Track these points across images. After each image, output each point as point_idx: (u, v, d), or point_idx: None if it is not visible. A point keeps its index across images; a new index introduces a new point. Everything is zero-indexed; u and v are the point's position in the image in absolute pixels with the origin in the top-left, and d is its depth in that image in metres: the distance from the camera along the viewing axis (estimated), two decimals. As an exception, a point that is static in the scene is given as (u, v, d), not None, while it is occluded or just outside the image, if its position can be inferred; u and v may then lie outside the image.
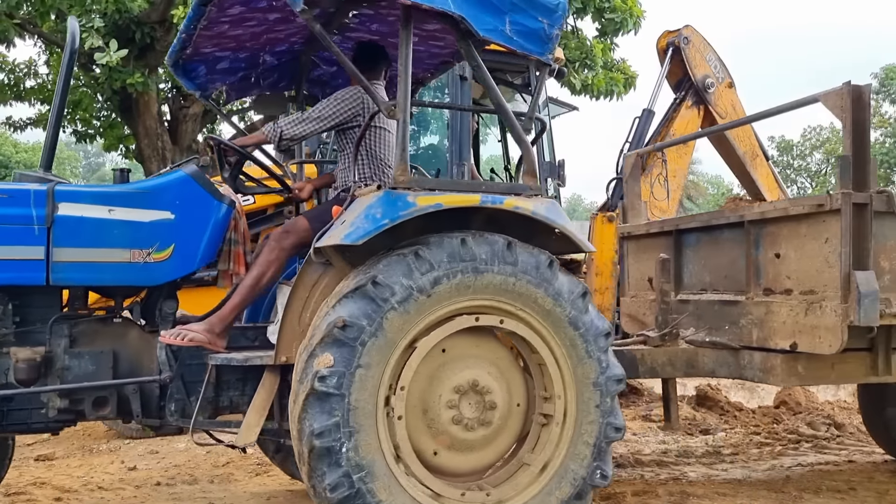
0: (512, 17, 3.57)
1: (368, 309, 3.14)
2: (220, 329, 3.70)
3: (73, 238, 3.56)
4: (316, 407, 3.06)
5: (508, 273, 3.36)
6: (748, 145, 7.37)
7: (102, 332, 3.78)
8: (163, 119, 11.64)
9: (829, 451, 6.46)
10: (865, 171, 3.78)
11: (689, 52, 7.06)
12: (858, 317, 3.69)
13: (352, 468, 3.07)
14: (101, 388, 3.64)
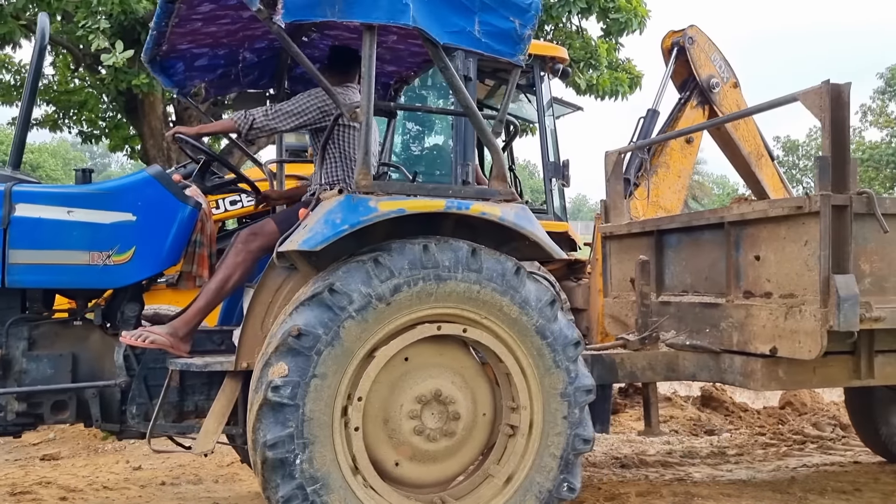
0: (481, 17, 3.47)
1: (325, 317, 3.05)
2: (183, 332, 3.61)
3: (31, 240, 3.47)
4: (269, 417, 2.98)
5: (473, 280, 3.26)
6: (753, 145, 7.35)
7: (62, 335, 3.69)
8: (168, 119, 11.59)
9: (835, 451, 6.41)
10: (845, 172, 3.67)
11: (694, 52, 7.06)
12: (838, 322, 3.59)
13: (306, 480, 2.99)
14: (59, 391, 3.55)
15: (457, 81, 3.61)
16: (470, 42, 3.47)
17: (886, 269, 3.87)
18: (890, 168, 32.58)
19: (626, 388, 7.94)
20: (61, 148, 43.77)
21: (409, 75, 4.99)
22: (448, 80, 3.59)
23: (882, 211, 3.72)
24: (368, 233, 3.27)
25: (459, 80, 3.66)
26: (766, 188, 7.50)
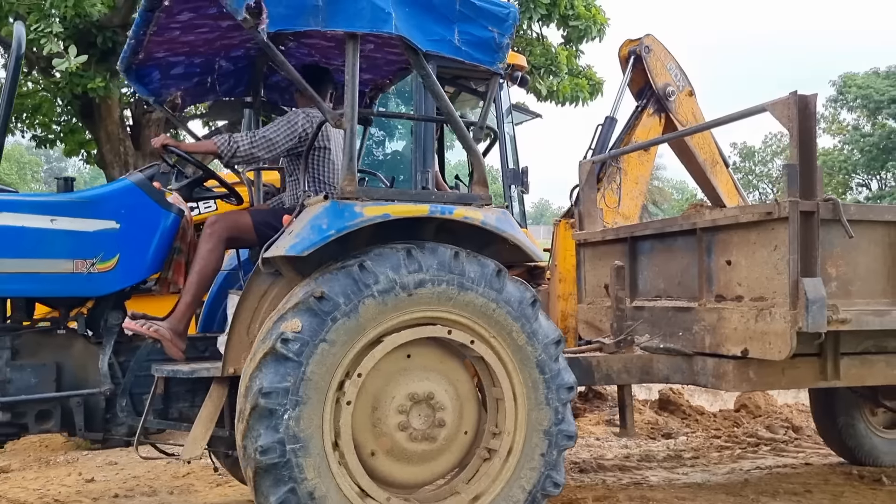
0: (460, 26, 3.56)
1: (349, 289, 3.16)
2: (179, 329, 3.68)
3: (13, 248, 3.48)
4: (271, 367, 3.05)
5: (491, 298, 3.39)
6: (708, 153, 7.47)
7: (45, 344, 3.69)
8: (125, 124, 11.44)
9: (787, 453, 6.57)
10: (812, 180, 3.83)
11: (650, 60, 7.16)
12: (806, 323, 3.74)
13: (288, 437, 3.04)
14: (43, 401, 3.54)
15: (438, 89, 3.70)
16: (450, 50, 3.56)
17: (851, 273, 4.04)
18: (842, 174, 33.51)
19: (585, 392, 8.07)
20: (15, 151, 42.92)
21: (384, 83, 5.06)
22: (430, 87, 3.67)
23: (847, 217, 3.88)
24: (351, 238, 3.32)
25: (440, 87, 3.75)
26: (721, 194, 7.63)
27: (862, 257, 4.05)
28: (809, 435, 7.31)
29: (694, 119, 7.26)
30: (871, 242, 4.06)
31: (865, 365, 4.44)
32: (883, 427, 6.11)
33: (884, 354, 4.46)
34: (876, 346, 4.43)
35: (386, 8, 3.32)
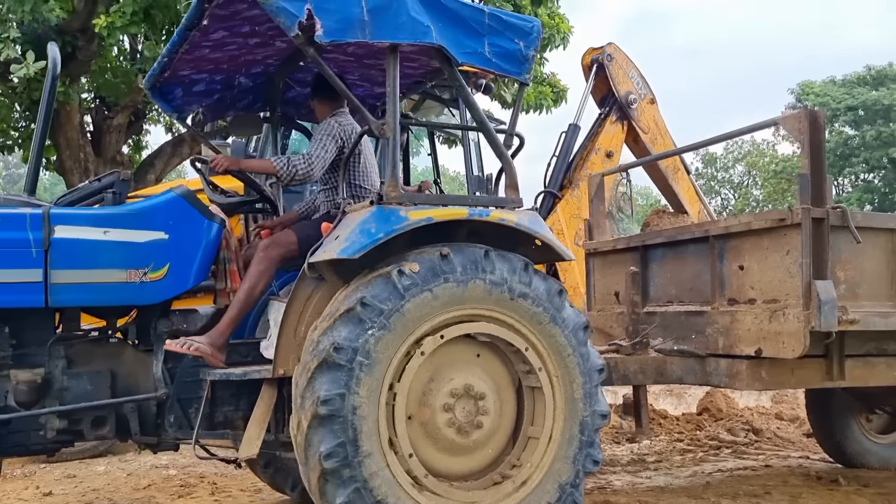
0: (490, 39, 3.80)
1: (387, 293, 3.36)
2: (220, 343, 3.79)
3: (71, 260, 3.61)
4: (326, 375, 3.23)
5: (538, 305, 3.62)
6: (670, 160, 7.62)
7: (98, 353, 3.83)
8: (85, 130, 11.35)
9: (748, 456, 6.75)
10: (822, 189, 4.10)
11: (613, 69, 7.30)
12: (819, 322, 3.98)
13: (348, 440, 3.22)
14: (100, 407, 3.68)
15: (471, 98, 3.93)
16: (482, 62, 3.80)
17: (858, 276, 4.30)
18: None
19: None
20: (-28, 157, 42.53)
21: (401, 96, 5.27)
22: (463, 97, 3.91)
23: (854, 224, 4.15)
24: (388, 243, 3.48)
25: (472, 96, 3.97)
26: (683, 200, 7.81)
27: (867, 262, 4.32)
28: (769, 437, 7.54)
29: (656, 126, 7.42)
30: (875, 248, 4.34)
31: (868, 366, 4.69)
32: (876, 432, 6.40)
33: (884, 357, 4.73)
34: (877, 348, 4.69)
35: (425, 22, 3.55)
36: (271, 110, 5.05)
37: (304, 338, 3.56)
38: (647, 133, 7.37)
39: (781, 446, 7.30)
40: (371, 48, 4.40)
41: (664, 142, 7.49)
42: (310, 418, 3.22)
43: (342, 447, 3.20)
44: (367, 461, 3.25)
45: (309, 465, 3.25)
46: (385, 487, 3.27)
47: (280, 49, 4.51)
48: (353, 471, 3.21)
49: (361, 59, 4.65)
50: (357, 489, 3.20)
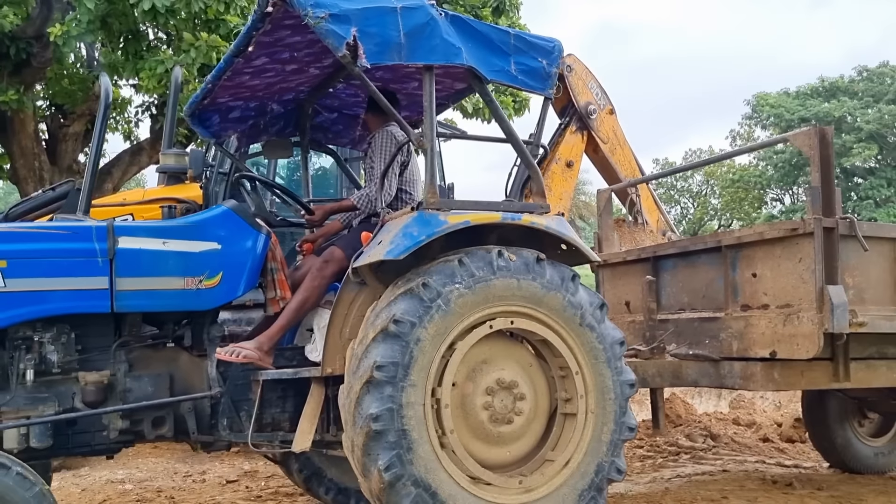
0: (516, 58, 4.08)
1: (446, 278, 3.62)
2: (268, 347, 4.00)
3: (134, 268, 3.83)
4: (383, 344, 3.46)
5: (568, 302, 3.86)
6: (629, 169, 7.57)
7: (156, 357, 4.03)
8: (40, 138, 11.28)
9: (706, 461, 7.00)
10: (832, 200, 4.40)
11: (572, 79, 7.25)
12: (832, 324, 4.27)
13: (396, 406, 3.45)
14: (160, 407, 3.88)
15: (500, 112, 4.21)
16: (509, 79, 4.09)
17: (865, 282, 4.60)
18: (758, 189, 34.98)
19: None
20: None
21: (418, 119, 5.52)
22: (494, 111, 4.18)
23: (861, 233, 4.45)
24: (426, 248, 3.70)
25: (502, 111, 4.24)
26: (642, 209, 7.75)
27: (873, 269, 4.63)
28: (727, 443, 7.81)
29: (615, 136, 7.49)
30: (880, 256, 4.65)
31: (870, 369, 4.99)
32: (869, 436, 6.74)
33: (885, 360, 5.03)
34: (878, 352, 5.00)
35: (456, 44, 3.82)
36: (301, 135, 5.28)
37: (349, 339, 3.79)
38: (607, 143, 7.38)
39: (738, 451, 7.56)
40: (397, 73, 4.66)
41: (623, 152, 7.48)
42: (364, 437, 3.43)
43: (398, 458, 3.41)
44: (423, 465, 3.47)
45: (370, 480, 3.45)
46: (445, 487, 3.49)
47: (312, 76, 4.74)
48: (411, 477, 3.42)
49: (388, 84, 4.87)
50: (419, 494, 3.42)
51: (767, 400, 10.21)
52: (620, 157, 7.51)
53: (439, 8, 3.93)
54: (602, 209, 6.47)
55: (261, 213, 4.55)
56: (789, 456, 7.58)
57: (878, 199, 30.74)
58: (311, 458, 4.93)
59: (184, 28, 8.49)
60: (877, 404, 6.50)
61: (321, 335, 4.07)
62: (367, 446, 3.43)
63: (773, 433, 8.35)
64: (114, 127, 12.84)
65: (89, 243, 3.76)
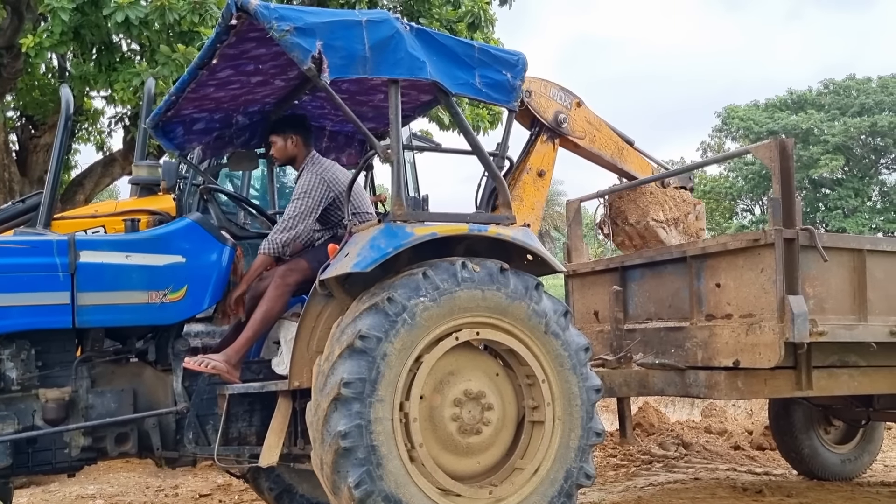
0: (480, 71, 4.10)
1: (411, 292, 3.59)
2: (235, 361, 3.98)
3: (96, 282, 3.80)
4: (349, 360, 3.44)
5: (532, 310, 3.87)
6: (612, 146, 7.30)
7: (120, 372, 3.99)
8: (10, 149, 11.19)
9: (678, 469, 7.07)
10: (792, 211, 4.48)
11: (534, 102, 6.97)
12: (793, 334, 4.34)
13: (364, 422, 3.43)
14: (123, 423, 3.84)
15: (466, 124, 4.24)
16: (474, 92, 4.10)
17: (825, 292, 4.68)
18: (728, 200, 35.50)
19: None
20: None
21: (384, 131, 5.53)
22: (458, 124, 4.20)
23: (821, 244, 4.53)
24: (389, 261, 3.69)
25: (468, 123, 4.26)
26: (636, 174, 7.49)
27: (833, 279, 4.71)
28: (699, 451, 7.89)
29: (590, 125, 7.26)
30: (839, 266, 4.73)
31: (832, 377, 5.06)
32: (835, 443, 6.86)
33: (846, 368, 5.11)
34: (840, 360, 5.07)
35: (421, 57, 3.84)
36: (267, 147, 5.14)
37: (317, 352, 3.78)
38: (584, 137, 7.17)
39: (710, 459, 7.64)
40: (363, 85, 4.67)
41: (601, 134, 7.25)
42: (332, 454, 3.41)
43: (368, 474, 3.40)
44: (393, 480, 3.46)
45: (341, 498, 3.44)
46: (415, 501, 3.48)
47: (277, 88, 4.72)
48: (382, 493, 3.41)
49: (354, 96, 4.89)
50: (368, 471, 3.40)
51: (739, 408, 10.32)
52: (601, 141, 7.31)
53: (405, 21, 3.95)
54: (571, 220, 6.52)
55: (226, 225, 4.53)
56: (760, 463, 7.67)
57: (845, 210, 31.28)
58: (281, 474, 4.90)
59: (157, 40, 8.46)
60: (841, 412, 6.61)
61: (288, 348, 4.06)
62: (336, 464, 3.42)
63: (744, 441, 8.44)
64: (86, 138, 12.75)
65: (50, 258, 3.73)
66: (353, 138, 5.49)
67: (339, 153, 5.33)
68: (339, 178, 4.45)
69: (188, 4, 8.19)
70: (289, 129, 4.59)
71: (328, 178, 4.40)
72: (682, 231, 7.25)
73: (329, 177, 4.41)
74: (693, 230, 7.40)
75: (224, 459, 4.09)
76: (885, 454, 7.91)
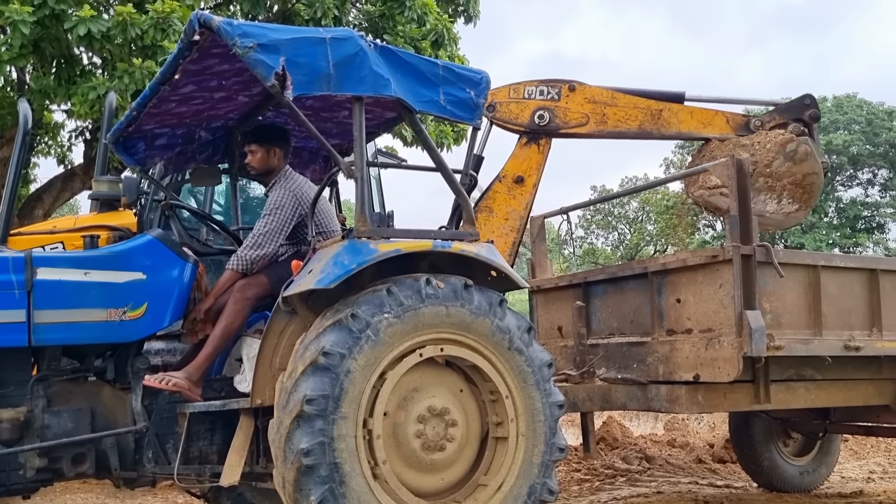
0: (444, 89, 4.14)
1: (375, 308, 3.58)
2: (196, 377, 3.94)
3: (53, 300, 3.73)
4: (312, 377, 3.41)
5: (496, 326, 3.87)
6: (637, 115, 6.32)
7: (77, 391, 3.93)
8: None
9: (641, 483, 7.17)
10: (749, 228, 4.58)
11: (501, 113, 6.39)
12: (751, 348, 4.42)
13: (328, 439, 3.41)
14: (80, 443, 3.76)
15: (430, 141, 4.26)
16: (438, 109, 4.13)
17: (782, 307, 4.78)
18: (691, 215, 36.18)
19: None
20: None
21: (349, 147, 5.54)
22: (422, 141, 4.22)
23: (777, 260, 4.63)
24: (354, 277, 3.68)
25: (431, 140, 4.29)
26: (691, 134, 6.41)
27: (789, 294, 4.81)
28: (661, 464, 8.01)
29: (596, 105, 6.41)
30: (795, 282, 4.83)
31: (789, 391, 5.17)
32: (794, 456, 7.00)
33: (803, 381, 5.23)
34: (797, 374, 5.19)
35: (385, 75, 3.86)
36: (230, 162, 5.22)
37: (280, 369, 3.76)
38: (588, 121, 6.30)
39: (672, 473, 7.75)
40: (327, 102, 4.68)
41: (617, 108, 6.32)
42: (295, 472, 3.38)
43: (331, 492, 3.38)
44: (356, 498, 3.44)
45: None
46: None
47: (241, 104, 4.72)
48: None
49: (318, 112, 4.89)
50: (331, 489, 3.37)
51: (701, 421, 10.46)
52: (618, 115, 6.37)
53: (369, 39, 3.97)
54: (535, 236, 6.57)
55: (188, 241, 4.50)
56: (721, 476, 7.78)
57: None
58: (242, 493, 4.84)
59: (119, 54, 8.38)
60: (799, 425, 6.75)
61: (250, 365, 4.03)
62: (298, 482, 3.39)
63: (706, 454, 8.55)
64: (46, 152, 12.56)
65: (5, 275, 3.67)
66: (317, 154, 5.49)
67: (303, 169, 5.32)
68: (310, 195, 4.45)
69: (150, 19, 8.15)
70: (273, 141, 4.59)
71: (300, 195, 4.40)
72: (767, 187, 5.94)
73: (300, 193, 4.40)
74: (789, 178, 5.91)
75: (184, 479, 4.03)
76: (842, 466, 8.07)
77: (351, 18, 10.80)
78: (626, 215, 41.44)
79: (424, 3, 10.69)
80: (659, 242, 38.42)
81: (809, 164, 5.95)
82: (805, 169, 5.95)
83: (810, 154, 5.93)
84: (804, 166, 5.93)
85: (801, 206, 6.13)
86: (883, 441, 9.14)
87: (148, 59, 8.33)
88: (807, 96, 6.39)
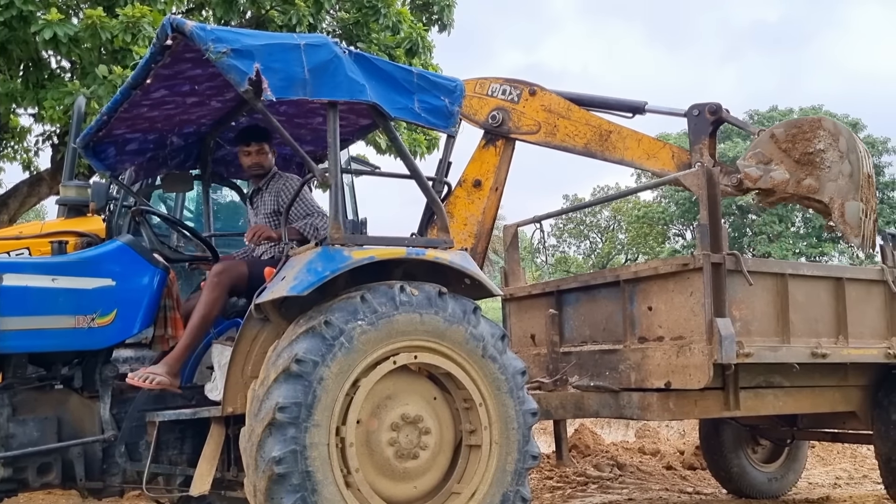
0: (419, 96, 4.15)
1: (348, 315, 3.56)
2: (176, 369, 3.90)
3: (19, 307, 3.67)
4: (284, 384, 3.41)
5: (470, 334, 3.88)
6: (586, 133, 6.14)
7: (43, 400, 3.85)
8: None
9: (612, 490, 7.20)
10: (719, 237, 4.63)
11: (464, 108, 5.97)
12: (721, 355, 4.47)
13: (300, 447, 3.39)
14: (46, 453, 3.69)
15: (404, 148, 4.27)
16: (412, 116, 4.14)
17: (751, 315, 4.84)
18: (661, 225, 36.61)
19: None
20: None
21: (322, 154, 5.52)
22: (397, 148, 4.24)
23: (747, 268, 4.69)
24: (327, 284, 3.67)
25: (406, 147, 4.30)
26: (641, 165, 6.16)
27: (758, 302, 4.87)
28: (632, 471, 8.07)
29: (550, 113, 6.24)
30: (764, 290, 4.90)
31: (758, 398, 5.23)
32: (762, 462, 7.09)
33: (771, 389, 5.29)
34: (765, 381, 5.25)
35: (360, 81, 3.86)
36: (202, 168, 5.18)
37: (251, 377, 3.72)
38: (539, 130, 6.16)
39: (643, 479, 7.79)
40: (301, 108, 4.67)
41: (569, 122, 6.15)
42: (266, 481, 3.35)
43: (303, 501, 3.35)
44: None
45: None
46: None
47: (213, 109, 4.69)
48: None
49: (292, 119, 4.87)
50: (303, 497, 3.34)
51: (672, 428, 10.55)
52: (567, 129, 6.21)
53: (343, 46, 3.97)
54: (508, 244, 6.59)
55: (158, 248, 4.44)
56: (691, 483, 7.84)
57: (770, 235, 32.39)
58: (213, 503, 4.78)
59: (88, 58, 8.27)
60: (767, 431, 6.83)
61: (222, 373, 3.98)
62: (270, 490, 3.35)
63: (677, 461, 8.62)
64: (12, 156, 12.36)
65: (-31, 281, 3.58)
66: (290, 161, 5.46)
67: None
68: None
69: (121, 23, 8.06)
70: (268, 138, 4.64)
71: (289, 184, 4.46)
72: None
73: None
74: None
75: (153, 489, 3.98)
76: (809, 472, 8.18)
77: (325, 25, 10.79)
78: (597, 224, 41.81)
79: (399, 11, 10.73)
80: (630, 251, 38.77)
81: None
82: None
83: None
84: None
85: None
86: (849, 447, 9.27)
87: (117, 63, 8.24)
88: (694, 107, 6.31)
